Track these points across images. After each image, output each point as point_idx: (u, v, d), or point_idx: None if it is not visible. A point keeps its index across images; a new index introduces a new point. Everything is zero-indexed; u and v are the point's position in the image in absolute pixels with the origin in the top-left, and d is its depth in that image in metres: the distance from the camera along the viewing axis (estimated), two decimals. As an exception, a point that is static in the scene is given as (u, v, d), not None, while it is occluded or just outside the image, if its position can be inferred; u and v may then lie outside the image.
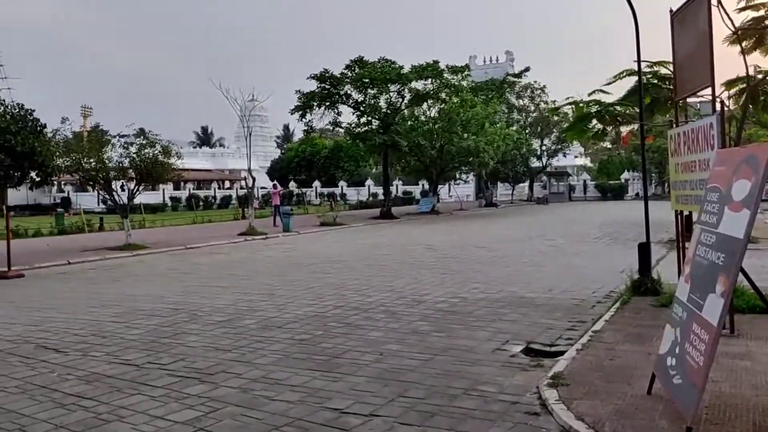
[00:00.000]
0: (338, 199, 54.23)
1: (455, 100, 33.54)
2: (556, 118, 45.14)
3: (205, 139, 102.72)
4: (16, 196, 44.84)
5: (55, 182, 45.19)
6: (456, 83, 33.65)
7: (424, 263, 13.42)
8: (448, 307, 8.39)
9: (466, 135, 34.04)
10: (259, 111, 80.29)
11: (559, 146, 51.38)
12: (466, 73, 35.30)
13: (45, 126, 15.63)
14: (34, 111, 15.30)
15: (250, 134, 26.98)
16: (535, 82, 51.49)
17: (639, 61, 9.33)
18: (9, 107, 15.05)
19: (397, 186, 57.88)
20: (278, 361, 6.04)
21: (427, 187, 47.71)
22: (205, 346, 6.71)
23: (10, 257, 13.91)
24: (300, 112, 32.86)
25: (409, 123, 34.78)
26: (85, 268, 15.08)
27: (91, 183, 19.62)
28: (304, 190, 59.93)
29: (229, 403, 4.89)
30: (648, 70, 12.86)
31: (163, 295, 10.30)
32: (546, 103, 50.01)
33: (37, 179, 15.94)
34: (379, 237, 21.38)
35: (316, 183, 63.35)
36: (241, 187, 60.05)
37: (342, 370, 5.68)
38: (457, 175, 43.15)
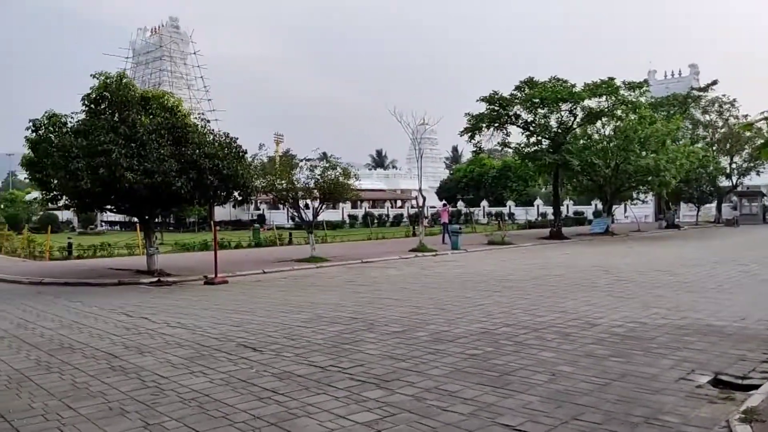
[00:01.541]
0: (506, 218, 53.63)
1: (632, 117, 31.81)
2: (748, 134, 40.90)
3: (379, 161, 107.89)
4: (221, 212, 50.25)
5: (253, 201, 49.83)
6: (633, 99, 31.97)
7: (597, 285, 12.90)
8: (625, 332, 8.04)
9: (644, 153, 32.06)
10: (430, 134, 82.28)
11: (752, 164, 46.33)
12: (644, 88, 33.38)
13: (246, 151, 17.40)
14: (237, 138, 17.12)
15: (421, 156, 27.89)
16: (724, 95, 47.01)
17: None
18: (217, 135, 17.02)
19: (567, 206, 55.89)
20: (450, 374, 6.22)
21: (600, 207, 45.59)
22: (381, 354, 7.10)
23: (217, 265, 15.74)
24: (469, 134, 33.11)
25: (581, 142, 33.57)
26: (277, 277, 16.49)
27: (282, 201, 21.54)
28: (471, 209, 60.07)
29: (404, 410, 5.15)
30: None
31: (343, 305, 11.00)
32: (736, 118, 45.46)
33: (239, 198, 17.71)
34: (548, 257, 20.84)
35: (484, 202, 63.23)
36: (412, 206, 61.79)
37: (513, 387, 5.72)
38: (634, 195, 40.64)
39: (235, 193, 17.39)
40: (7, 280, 17.12)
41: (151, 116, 15.98)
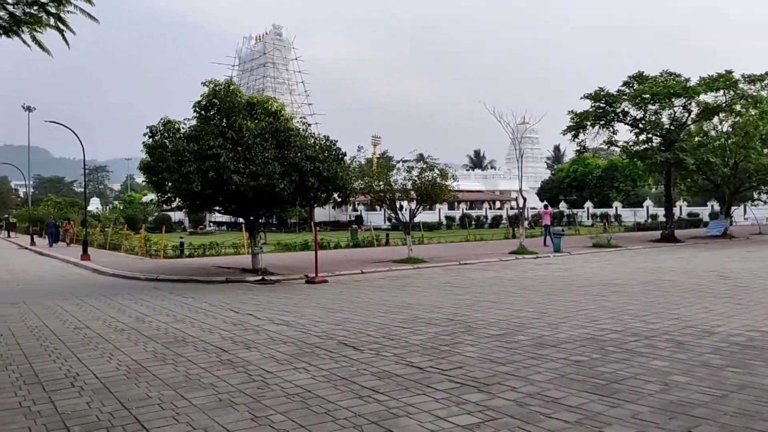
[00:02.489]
0: (612, 220, 51.59)
1: (753, 113, 29.61)
2: None
3: (477, 161, 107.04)
4: (320, 213, 51.74)
5: (351, 202, 50.97)
6: (754, 93, 29.73)
7: (715, 291, 12.07)
8: (745, 341, 7.46)
9: (766, 150, 29.78)
10: (530, 133, 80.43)
11: None
12: (766, 81, 30.99)
13: (345, 154, 17.74)
14: (336, 141, 17.49)
15: (521, 156, 27.29)
16: None
17: None
18: (317, 139, 17.45)
19: (680, 207, 52.88)
20: (553, 380, 6.02)
21: (717, 208, 42.85)
22: (480, 357, 6.99)
23: (318, 265, 16.13)
24: (572, 133, 32.20)
25: (696, 139, 31.65)
26: (375, 278, 16.69)
27: (380, 203, 21.78)
28: (574, 210, 58.17)
29: (505, 414, 5.03)
30: None
31: (440, 306, 10.94)
32: None
33: (339, 199, 18.09)
34: (659, 261, 19.77)
35: (588, 204, 61.09)
36: (512, 207, 60.67)
37: (622, 396, 5.44)
38: (755, 195, 37.78)
39: (335, 195, 17.75)
40: (126, 276, 18.39)
41: (256, 121, 16.62)
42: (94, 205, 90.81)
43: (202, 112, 16.97)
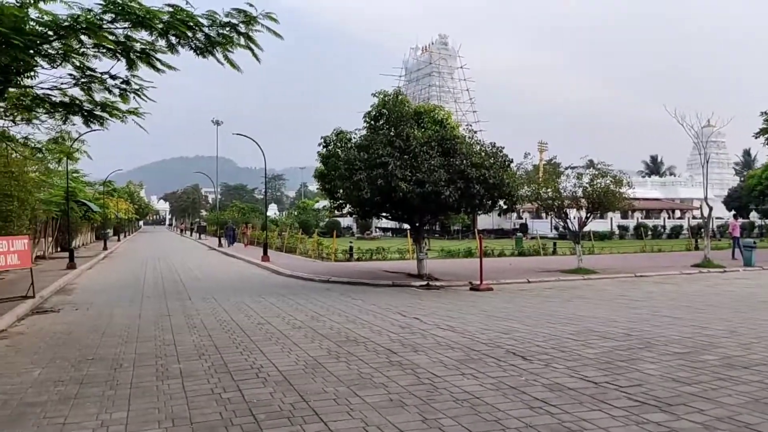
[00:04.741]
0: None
1: None
2: None
3: (653, 168, 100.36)
4: (484, 221, 51.48)
5: (517, 210, 50.10)
6: None
7: None
8: None
9: None
10: (716, 137, 73.42)
11: None
12: None
13: (512, 160, 17.45)
14: (503, 148, 17.26)
15: (707, 161, 25.03)
16: None
17: None
18: (483, 145, 17.36)
19: None
20: (746, 404, 5.45)
21: None
22: (661, 375, 6.51)
23: (482, 272, 16.05)
24: (766, 136, 29.10)
25: None
26: (541, 287, 16.22)
27: (547, 211, 21.08)
28: (768, 221, 52.16)
29: (692, 438, 4.67)
30: None
31: (614, 320, 10.36)
32: None
33: (504, 207, 17.82)
34: None
35: (786, 213, 54.38)
36: (694, 217, 55.81)
37: (834, 429, 4.81)
38: None
39: (500, 202, 17.50)
40: (302, 277, 19.62)
41: (422, 129, 16.95)
42: (272, 210, 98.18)
43: (372, 122, 17.64)
